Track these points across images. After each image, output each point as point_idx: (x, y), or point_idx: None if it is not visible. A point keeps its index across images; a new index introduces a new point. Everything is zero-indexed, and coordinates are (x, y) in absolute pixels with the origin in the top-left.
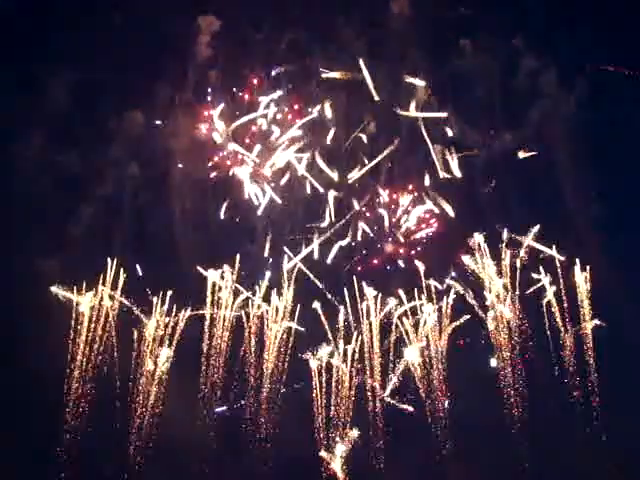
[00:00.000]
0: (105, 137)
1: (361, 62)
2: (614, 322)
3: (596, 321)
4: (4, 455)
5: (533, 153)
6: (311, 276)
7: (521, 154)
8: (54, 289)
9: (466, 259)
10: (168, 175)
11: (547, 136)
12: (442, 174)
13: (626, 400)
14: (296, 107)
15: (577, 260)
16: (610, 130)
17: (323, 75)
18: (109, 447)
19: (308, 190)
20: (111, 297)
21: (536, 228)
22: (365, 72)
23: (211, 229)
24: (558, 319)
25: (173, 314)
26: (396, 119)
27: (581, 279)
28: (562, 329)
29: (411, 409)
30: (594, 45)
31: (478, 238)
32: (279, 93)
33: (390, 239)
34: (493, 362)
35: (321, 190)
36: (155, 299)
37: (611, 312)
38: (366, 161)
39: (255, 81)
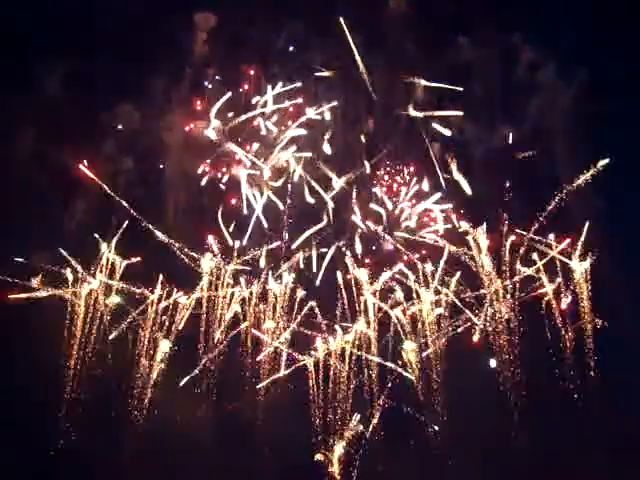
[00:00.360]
0: (97, 131)
1: (359, 59)
2: (615, 319)
3: (598, 321)
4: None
5: (532, 152)
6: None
7: (520, 154)
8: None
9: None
10: (160, 173)
11: (547, 131)
12: (441, 175)
13: (627, 400)
14: (300, 101)
15: (577, 255)
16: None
17: (319, 73)
18: (104, 447)
19: (306, 191)
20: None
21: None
22: (362, 69)
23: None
24: (558, 317)
25: (169, 313)
26: (395, 118)
27: (581, 274)
28: (562, 328)
29: (410, 410)
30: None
31: (464, 226)
32: (278, 89)
33: (388, 238)
34: (492, 363)
35: (319, 190)
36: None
37: (612, 309)
38: (365, 162)
39: (252, 72)
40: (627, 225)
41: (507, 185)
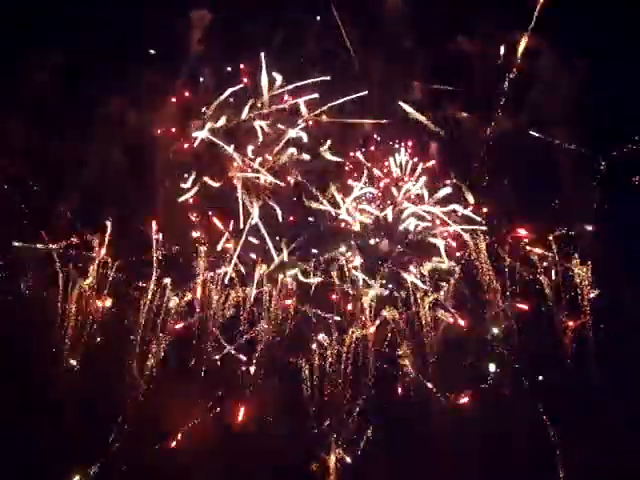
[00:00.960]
0: (87, 124)
1: (356, 59)
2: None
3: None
4: None
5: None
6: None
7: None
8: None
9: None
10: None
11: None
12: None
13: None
14: (298, 101)
15: (577, 255)
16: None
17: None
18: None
19: (304, 196)
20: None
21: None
22: (358, 67)
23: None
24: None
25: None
26: (393, 118)
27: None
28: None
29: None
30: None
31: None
32: (275, 91)
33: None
34: (492, 367)
35: (317, 194)
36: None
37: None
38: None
39: (242, 67)
40: (628, 224)
41: (506, 183)
